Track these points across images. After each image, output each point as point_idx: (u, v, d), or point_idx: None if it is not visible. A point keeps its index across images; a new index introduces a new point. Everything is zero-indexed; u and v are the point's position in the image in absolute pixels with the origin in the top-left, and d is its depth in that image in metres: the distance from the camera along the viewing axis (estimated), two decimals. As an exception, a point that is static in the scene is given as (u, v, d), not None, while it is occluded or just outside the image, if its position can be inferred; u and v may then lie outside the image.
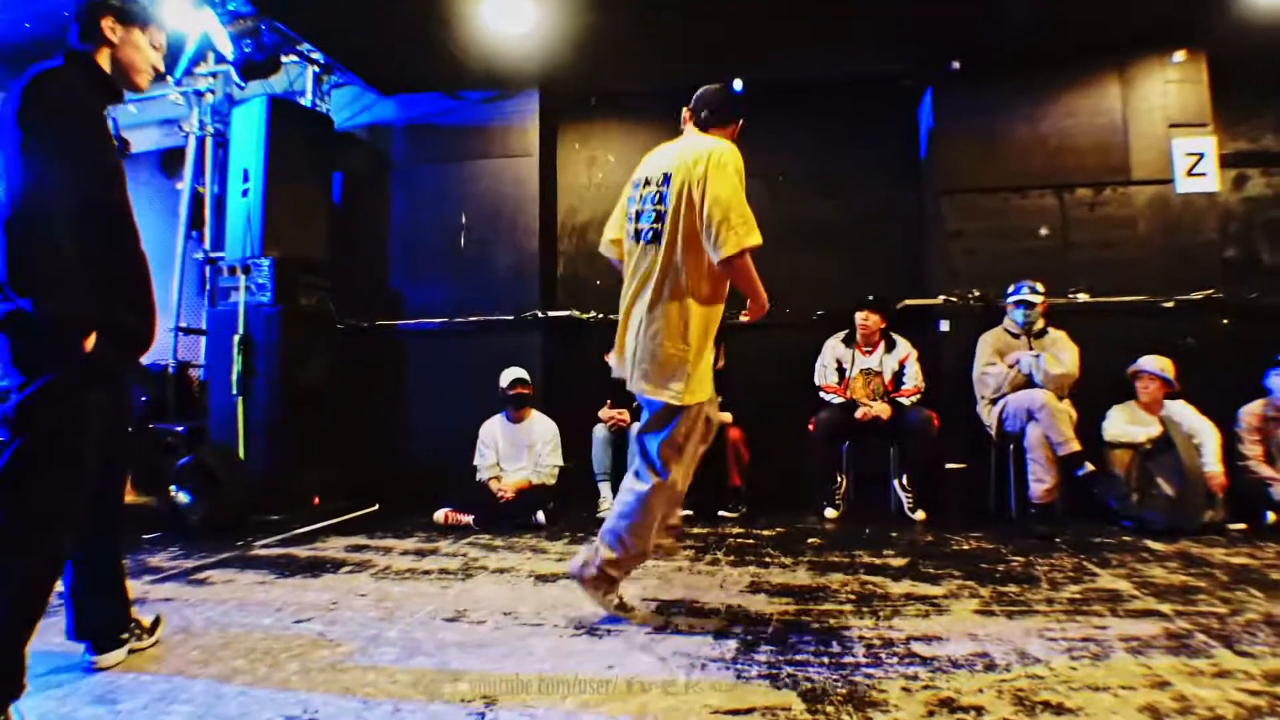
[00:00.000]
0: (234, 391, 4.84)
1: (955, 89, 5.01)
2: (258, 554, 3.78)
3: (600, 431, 4.77)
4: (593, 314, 5.47)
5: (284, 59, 5.09)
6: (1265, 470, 4.15)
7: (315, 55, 5.40)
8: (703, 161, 2.45)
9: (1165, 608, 2.74)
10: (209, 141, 5.88)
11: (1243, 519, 4.09)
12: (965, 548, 3.75)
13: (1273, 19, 4.58)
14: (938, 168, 5.01)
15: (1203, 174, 4.74)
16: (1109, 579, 3.15)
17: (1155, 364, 4.32)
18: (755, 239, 2.41)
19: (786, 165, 5.48)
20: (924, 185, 5.23)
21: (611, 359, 2.77)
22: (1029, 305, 4.42)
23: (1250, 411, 4.27)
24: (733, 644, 2.40)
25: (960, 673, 2.14)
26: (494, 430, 4.70)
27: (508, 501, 4.42)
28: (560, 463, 4.66)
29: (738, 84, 4.80)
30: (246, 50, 4.83)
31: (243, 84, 5.26)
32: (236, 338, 4.87)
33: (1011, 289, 4.51)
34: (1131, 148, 4.79)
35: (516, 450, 4.66)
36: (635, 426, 2.75)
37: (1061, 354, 4.34)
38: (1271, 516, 4.08)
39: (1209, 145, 4.76)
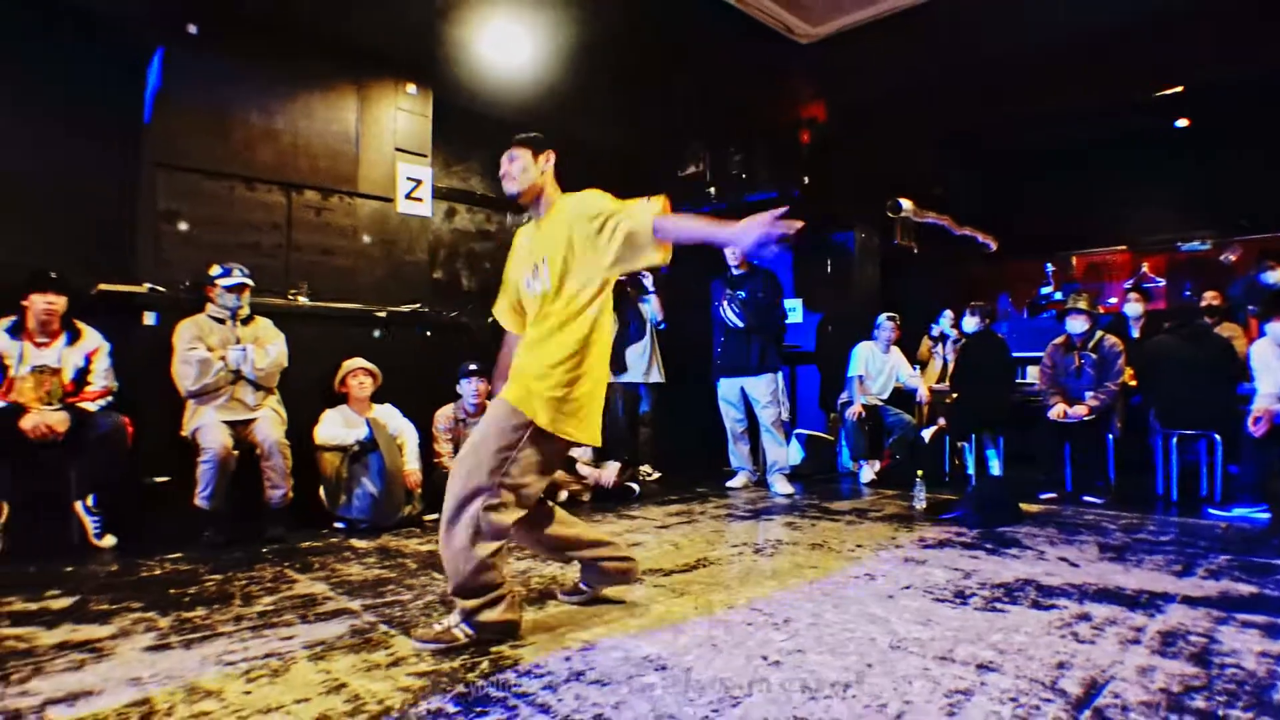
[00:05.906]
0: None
1: (191, 55, 4.37)
2: None
3: None
4: None
5: None
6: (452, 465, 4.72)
7: None
8: None
9: (355, 604, 2.76)
10: None
11: (436, 510, 4.56)
12: (157, 573, 3.23)
13: (489, 85, 5.42)
14: (158, 137, 4.30)
15: (420, 199, 5.24)
16: (306, 584, 3.06)
17: (365, 362, 4.53)
18: None
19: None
20: (142, 154, 4.45)
21: None
22: (240, 289, 4.12)
23: (443, 414, 4.82)
24: None
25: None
26: None
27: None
28: None
29: None
30: None
31: None
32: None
33: (219, 270, 4.13)
34: (361, 161, 4.97)
35: None
36: None
37: (270, 345, 4.18)
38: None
39: (427, 175, 5.30)
